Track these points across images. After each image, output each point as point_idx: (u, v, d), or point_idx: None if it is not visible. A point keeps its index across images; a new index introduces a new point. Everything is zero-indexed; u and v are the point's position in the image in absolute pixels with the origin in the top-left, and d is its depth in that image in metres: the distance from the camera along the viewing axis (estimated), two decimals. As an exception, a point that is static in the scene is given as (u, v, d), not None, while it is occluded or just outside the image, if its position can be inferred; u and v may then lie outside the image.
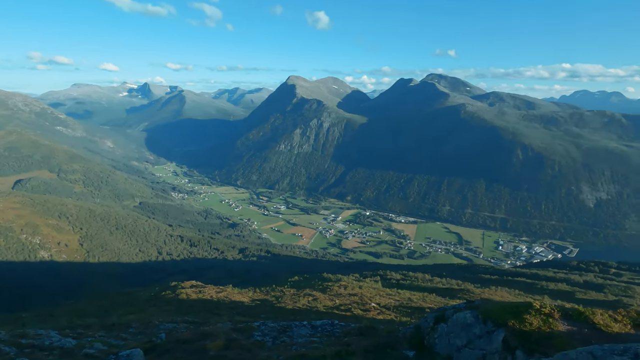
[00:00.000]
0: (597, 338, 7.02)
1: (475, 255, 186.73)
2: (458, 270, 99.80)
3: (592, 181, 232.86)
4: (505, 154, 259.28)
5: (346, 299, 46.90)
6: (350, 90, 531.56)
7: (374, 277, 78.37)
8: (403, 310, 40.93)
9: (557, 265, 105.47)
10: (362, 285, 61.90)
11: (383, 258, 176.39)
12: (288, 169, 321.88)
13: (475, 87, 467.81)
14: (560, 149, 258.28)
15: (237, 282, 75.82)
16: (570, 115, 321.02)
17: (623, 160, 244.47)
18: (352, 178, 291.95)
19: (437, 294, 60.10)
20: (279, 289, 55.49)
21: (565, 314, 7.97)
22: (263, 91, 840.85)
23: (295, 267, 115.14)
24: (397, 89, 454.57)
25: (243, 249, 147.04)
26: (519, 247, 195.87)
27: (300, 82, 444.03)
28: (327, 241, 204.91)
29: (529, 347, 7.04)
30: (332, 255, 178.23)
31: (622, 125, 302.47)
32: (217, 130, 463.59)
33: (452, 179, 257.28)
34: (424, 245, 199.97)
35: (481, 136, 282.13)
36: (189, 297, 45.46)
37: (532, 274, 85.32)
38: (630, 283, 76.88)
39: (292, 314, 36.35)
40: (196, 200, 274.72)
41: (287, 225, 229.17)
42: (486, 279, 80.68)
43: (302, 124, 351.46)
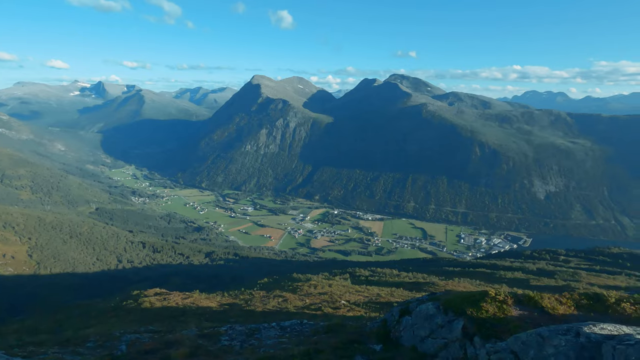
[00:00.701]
0: (545, 320, 7.59)
1: (439, 249, 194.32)
2: (423, 264, 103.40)
3: (542, 175, 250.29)
4: (465, 151, 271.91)
5: (316, 298, 47.04)
6: (315, 90, 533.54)
7: (343, 275, 79.14)
8: (372, 306, 41.72)
9: (513, 255, 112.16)
10: (332, 284, 62.34)
11: (352, 256, 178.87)
12: (255, 170, 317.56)
13: (435, 87, 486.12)
14: (513, 145, 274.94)
15: (205, 287, 73.74)
16: (521, 114, 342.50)
17: (568, 156, 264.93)
18: (320, 177, 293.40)
19: (404, 288, 61.80)
20: (248, 292, 54.63)
21: (518, 299, 8.54)
22: (227, 91, 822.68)
23: (264, 268, 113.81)
24: (361, 88, 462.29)
25: (210, 253, 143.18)
26: (479, 240, 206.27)
27: (265, 82, 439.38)
28: (296, 241, 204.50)
29: (486, 332, 7.47)
30: (301, 255, 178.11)
31: (567, 123, 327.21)
32: (180, 131, 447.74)
33: (416, 176, 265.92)
34: (391, 241, 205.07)
35: (442, 134, 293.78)
36: (153, 305, 43.55)
37: (491, 264, 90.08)
38: (577, 268, 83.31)
39: (262, 316, 35.96)
40: (158, 204, 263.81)
41: (255, 227, 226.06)
42: (450, 271, 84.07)
43: (268, 124, 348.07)
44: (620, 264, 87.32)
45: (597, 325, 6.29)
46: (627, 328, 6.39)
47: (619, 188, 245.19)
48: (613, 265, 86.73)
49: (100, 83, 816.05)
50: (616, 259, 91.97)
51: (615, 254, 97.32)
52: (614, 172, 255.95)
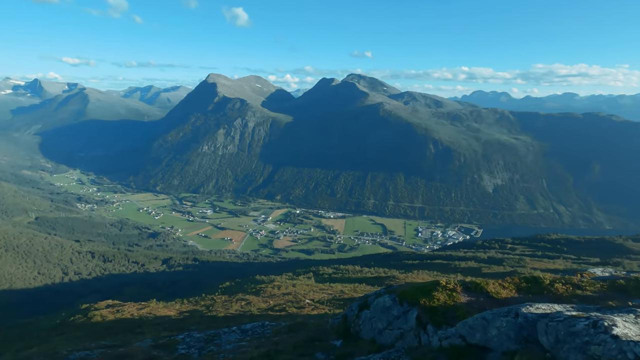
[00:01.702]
0: (490, 304, 8.18)
1: (399, 243, 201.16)
2: (384, 259, 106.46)
3: (490, 170, 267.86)
4: (420, 149, 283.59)
5: (280, 298, 46.81)
6: (274, 89, 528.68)
7: (307, 274, 79.39)
8: (336, 302, 42.28)
9: (466, 246, 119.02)
10: (296, 284, 62.33)
11: (315, 254, 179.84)
12: (213, 171, 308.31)
13: (391, 87, 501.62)
14: (464, 142, 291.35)
15: (162, 295, 70.47)
16: (470, 113, 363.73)
17: (512, 151, 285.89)
18: (281, 177, 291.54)
19: (366, 283, 63.23)
20: (209, 298, 53.08)
21: (466, 287, 9.12)
22: (181, 89, 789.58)
23: (226, 272, 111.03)
24: (320, 88, 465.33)
25: (167, 260, 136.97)
26: (435, 233, 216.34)
27: (221, 81, 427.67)
28: (259, 243, 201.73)
29: (437, 320, 7.90)
30: (264, 256, 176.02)
31: (510, 121, 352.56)
32: (130, 132, 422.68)
33: (375, 174, 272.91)
34: (353, 238, 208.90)
35: (398, 132, 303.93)
36: (105, 318, 40.87)
37: (447, 255, 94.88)
38: (522, 255, 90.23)
39: (225, 321, 35.13)
40: (108, 211, 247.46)
41: (215, 230, 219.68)
42: (409, 264, 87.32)
43: (226, 124, 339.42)
44: (558, 249, 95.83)
45: (533, 305, 6.92)
46: (558, 306, 7.09)
47: (555, 180, 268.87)
48: (552, 251, 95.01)
49: (36, 81, 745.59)
50: (555, 245, 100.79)
51: (554, 240, 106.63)
52: (551, 165, 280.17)
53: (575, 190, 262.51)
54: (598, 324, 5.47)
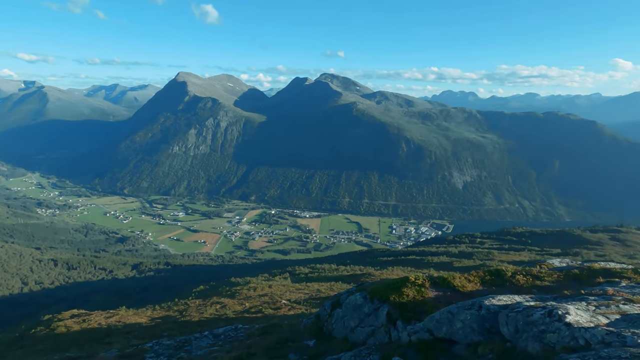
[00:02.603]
0: (457, 298, 8.48)
1: (374, 240, 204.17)
2: (360, 256, 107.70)
3: (460, 167, 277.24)
4: (393, 147, 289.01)
5: (256, 300, 46.36)
6: (246, 88, 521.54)
7: (283, 275, 79.03)
8: (313, 302, 42.34)
9: (438, 241, 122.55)
10: (272, 284, 61.92)
11: (291, 254, 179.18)
12: (184, 172, 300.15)
13: (364, 87, 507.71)
14: (435, 141, 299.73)
15: (133, 302, 67.91)
16: (440, 112, 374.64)
17: (480, 149, 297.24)
18: (255, 177, 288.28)
19: (342, 281, 63.75)
20: (182, 302, 51.74)
21: (434, 282, 9.40)
22: (149, 88, 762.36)
23: (200, 276, 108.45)
24: (293, 87, 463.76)
25: (137, 265, 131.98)
26: (409, 229, 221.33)
27: (191, 79, 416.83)
28: (233, 244, 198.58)
29: (407, 316, 8.10)
30: (239, 258, 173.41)
31: (478, 120, 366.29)
32: (95, 133, 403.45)
33: (349, 173, 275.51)
34: (329, 237, 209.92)
35: (372, 132, 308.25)
36: (70, 329, 38.85)
37: (420, 251, 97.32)
38: (490, 248, 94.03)
39: (199, 326, 34.41)
40: (72, 216, 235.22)
41: (187, 233, 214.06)
42: (384, 261, 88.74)
43: (197, 124, 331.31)
44: (523, 242, 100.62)
45: (495, 297, 7.25)
46: (518, 297, 7.46)
47: (520, 176, 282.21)
48: (518, 243, 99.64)
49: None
50: (520, 238, 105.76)
51: (519, 233, 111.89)
52: (516, 162, 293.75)
53: (538, 185, 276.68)
54: (553, 313, 5.80)
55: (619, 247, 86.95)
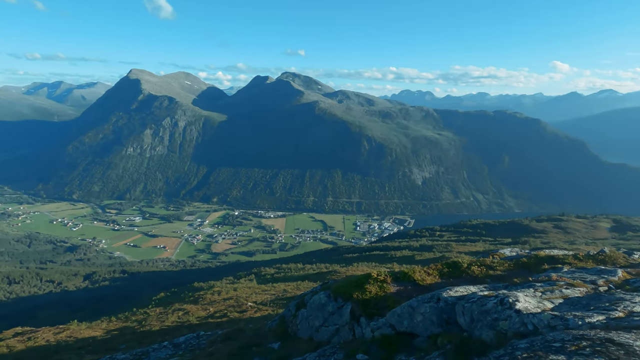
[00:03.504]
0: (417, 292, 8.74)
1: (339, 238, 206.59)
2: (326, 254, 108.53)
3: (419, 164, 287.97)
4: (355, 145, 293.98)
5: (221, 304, 45.28)
6: (205, 86, 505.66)
7: (248, 277, 77.74)
8: (279, 303, 42.02)
9: (400, 236, 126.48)
10: (237, 287, 60.81)
11: (256, 255, 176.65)
12: (140, 175, 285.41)
13: (325, 86, 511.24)
14: (395, 139, 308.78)
15: (86, 315, 63.48)
16: (399, 110, 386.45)
17: (437, 146, 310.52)
18: (217, 178, 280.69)
19: (309, 280, 63.86)
20: (142, 312, 49.26)
21: (395, 277, 9.63)
22: (98, 86, 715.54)
23: (160, 282, 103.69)
24: (254, 86, 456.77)
25: (89, 275, 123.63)
26: (372, 225, 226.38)
27: (146, 77, 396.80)
28: (195, 248, 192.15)
29: (370, 312, 8.21)
30: (202, 262, 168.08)
31: (435, 118, 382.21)
32: (37, 134, 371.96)
33: (313, 171, 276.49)
34: (294, 236, 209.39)
35: (334, 130, 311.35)
36: (13, 349, 35.57)
37: (384, 246, 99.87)
38: (449, 241, 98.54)
39: (160, 335, 32.97)
40: (13, 225, 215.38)
41: (145, 238, 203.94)
42: (349, 258, 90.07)
43: (153, 124, 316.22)
44: (478, 233, 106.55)
45: (452, 289, 7.56)
46: (474, 287, 7.84)
47: (474, 171, 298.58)
48: (474, 235, 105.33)
49: None
50: (475, 229, 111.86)
51: (475, 225, 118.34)
52: (470, 158, 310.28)
53: (490, 179, 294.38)
54: (504, 301, 6.15)
55: (561, 235, 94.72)
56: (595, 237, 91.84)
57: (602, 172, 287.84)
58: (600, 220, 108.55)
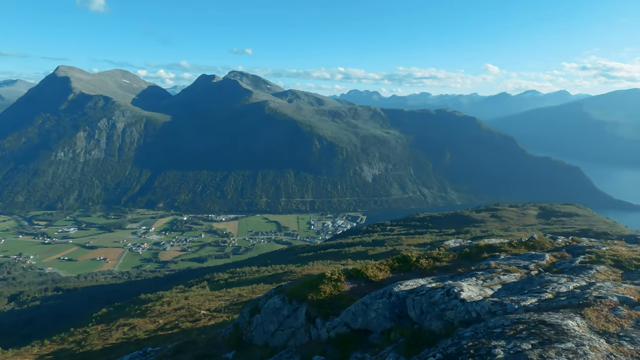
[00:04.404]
0: (370, 288, 8.94)
1: (294, 238, 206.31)
2: (281, 255, 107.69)
3: (369, 161, 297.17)
4: (307, 145, 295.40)
5: (171, 315, 43.12)
6: (146, 85, 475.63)
7: (200, 284, 74.81)
8: (234, 308, 40.92)
9: (353, 233, 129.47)
10: (189, 296, 58.40)
11: (208, 261, 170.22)
12: (74, 182, 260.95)
13: (274, 85, 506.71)
14: (345, 137, 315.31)
15: (12, 341, 56.61)
16: (348, 110, 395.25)
17: (385, 144, 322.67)
18: (162, 182, 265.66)
19: (265, 282, 62.86)
20: (81, 331, 45.24)
21: (349, 275, 9.77)
22: (19, 84, 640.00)
23: (102, 297, 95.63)
24: (200, 85, 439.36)
25: (15, 296, 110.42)
26: (326, 224, 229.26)
27: (76, 74, 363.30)
28: (141, 258, 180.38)
29: (325, 312, 8.23)
30: (149, 272, 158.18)
31: (382, 117, 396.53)
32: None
33: (265, 172, 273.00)
34: (248, 239, 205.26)
35: (285, 130, 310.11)
36: None
37: (338, 243, 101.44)
38: (399, 234, 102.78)
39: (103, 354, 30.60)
40: None
41: (82, 251, 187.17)
42: (305, 257, 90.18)
43: (87, 126, 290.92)
44: (425, 225, 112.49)
45: (403, 283, 7.85)
46: (422, 280, 8.21)
47: (419, 167, 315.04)
48: (421, 227, 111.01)
49: None
50: (423, 222, 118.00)
51: (422, 218, 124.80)
52: (416, 154, 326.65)
53: (434, 174, 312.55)
54: (450, 292, 6.50)
55: (498, 223, 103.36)
56: (525, 223, 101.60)
57: (529, 164, 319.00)
58: (529, 208, 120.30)
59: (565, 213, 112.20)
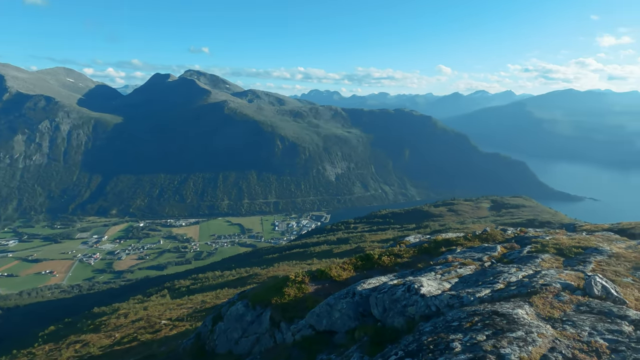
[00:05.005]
0: (334, 288, 8.99)
1: (258, 240, 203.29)
2: (245, 258, 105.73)
3: (331, 161, 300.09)
4: (269, 145, 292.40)
5: (129, 328, 40.92)
6: (94, 84, 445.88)
7: (161, 292, 71.75)
8: (197, 315, 39.65)
9: (318, 232, 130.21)
10: (148, 306, 55.82)
11: (168, 268, 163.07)
12: (12, 190, 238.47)
13: (234, 85, 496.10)
14: (307, 137, 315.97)
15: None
16: (310, 110, 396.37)
17: (347, 143, 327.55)
18: (115, 188, 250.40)
19: (229, 287, 61.46)
20: (25, 352, 41.56)
21: (313, 276, 9.76)
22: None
23: (49, 314, 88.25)
24: (154, 84, 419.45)
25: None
26: (291, 224, 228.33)
27: (11, 72, 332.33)
28: (93, 269, 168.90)
29: (289, 316, 8.15)
30: (103, 284, 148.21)
31: (343, 117, 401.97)
32: None
33: (226, 174, 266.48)
34: (210, 243, 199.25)
35: (246, 130, 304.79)
36: None
37: (303, 243, 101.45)
38: (362, 231, 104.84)
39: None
40: None
41: (24, 265, 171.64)
42: (270, 259, 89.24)
43: (27, 128, 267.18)
44: (387, 222, 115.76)
45: (366, 282, 7.98)
46: (385, 277, 8.39)
47: (380, 165, 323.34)
48: (384, 224, 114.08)
49: None
50: (385, 219, 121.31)
51: (384, 215, 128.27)
52: (376, 153, 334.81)
53: (395, 172, 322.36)
54: (411, 288, 6.70)
55: (454, 217, 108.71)
56: (479, 216, 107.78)
57: (480, 160, 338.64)
58: (482, 201, 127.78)
59: (514, 205, 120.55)
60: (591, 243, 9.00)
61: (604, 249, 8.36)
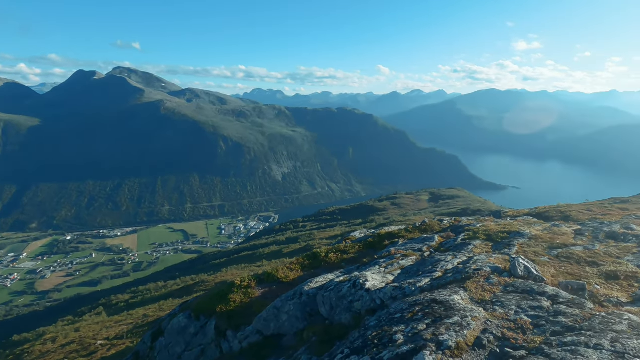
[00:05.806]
0: (282, 290, 8.85)
1: (204, 245, 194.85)
2: (190, 265, 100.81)
3: (277, 160, 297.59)
4: (211, 147, 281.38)
5: (58, 354, 37.19)
6: (2, 82, 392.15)
7: (95, 310, 65.99)
8: (139, 332, 37.10)
9: (267, 233, 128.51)
10: (80, 327, 51.14)
11: (103, 283, 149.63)
12: None
13: (170, 83, 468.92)
14: (252, 137, 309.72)
15: None
16: (253, 109, 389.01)
17: (292, 142, 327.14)
18: (34, 198, 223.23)
19: (174, 297, 58.41)
20: None
21: (260, 279, 9.52)
22: None
23: (-47, 349, 75.97)
24: (77, 82, 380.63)
25: None
26: (238, 227, 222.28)
27: None
28: (11, 291, 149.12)
29: (236, 323, 7.85)
30: (23, 307, 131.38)
31: (287, 116, 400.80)
32: None
33: (165, 177, 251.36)
34: (150, 252, 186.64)
35: (186, 131, 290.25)
36: None
37: (252, 245, 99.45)
38: (312, 229, 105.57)
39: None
40: None
41: None
42: (217, 264, 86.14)
43: None
44: (335, 218, 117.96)
45: (313, 281, 7.97)
46: (331, 275, 8.47)
47: (326, 163, 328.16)
48: (332, 221, 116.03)
49: None
50: (333, 215, 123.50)
51: (331, 212, 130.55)
52: (322, 151, 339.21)
53: (340, 169, 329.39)
54: (356, 283, 6.82)
55: (397, 210, 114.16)
56: (420, 208, 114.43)
57: (419, 155, 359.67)
58: (421, 194, 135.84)
59: (449, 196, 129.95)
60: (514, 227, 9.96)
61: (525, 232, 9.30)
